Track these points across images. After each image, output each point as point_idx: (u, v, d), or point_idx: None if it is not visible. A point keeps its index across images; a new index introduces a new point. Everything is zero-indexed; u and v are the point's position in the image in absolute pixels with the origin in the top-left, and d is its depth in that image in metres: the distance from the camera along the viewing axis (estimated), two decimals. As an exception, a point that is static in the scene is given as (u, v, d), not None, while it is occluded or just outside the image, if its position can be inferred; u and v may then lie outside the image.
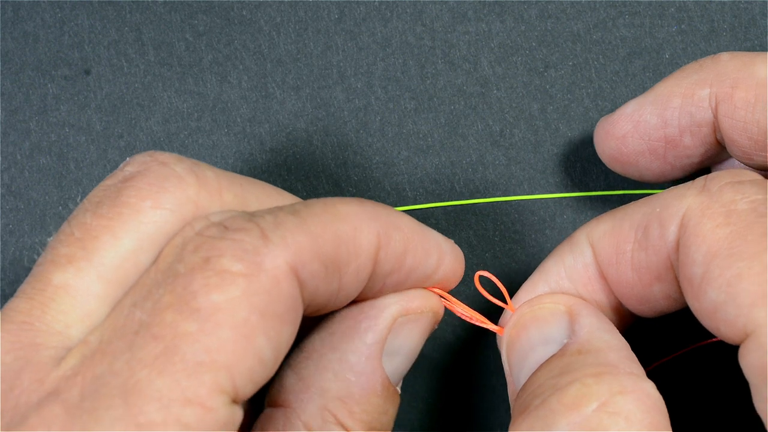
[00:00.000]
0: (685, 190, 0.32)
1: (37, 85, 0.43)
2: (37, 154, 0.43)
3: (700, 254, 0.30)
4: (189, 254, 0.28)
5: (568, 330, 0.33)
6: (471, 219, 0.42)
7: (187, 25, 0.43)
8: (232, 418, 0.27)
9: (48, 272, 0.29)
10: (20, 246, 0.42)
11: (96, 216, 0.29)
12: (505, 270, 0.42)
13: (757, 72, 0.34)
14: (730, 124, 0.34)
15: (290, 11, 0.43)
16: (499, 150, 0.42)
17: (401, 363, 0.33)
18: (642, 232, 0.32)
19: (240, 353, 0.26)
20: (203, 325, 0.26)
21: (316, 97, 0.43)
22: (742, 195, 0.30)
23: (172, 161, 0.30)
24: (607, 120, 0.37)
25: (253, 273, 0.27)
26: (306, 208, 0.30)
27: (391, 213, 0.32)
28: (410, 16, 0.43)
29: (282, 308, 0.28)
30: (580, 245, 0.34)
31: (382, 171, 0.42)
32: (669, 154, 0.36)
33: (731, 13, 0.42)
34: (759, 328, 0.28)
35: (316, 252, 0.29)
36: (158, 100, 0.43)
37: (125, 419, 0.25)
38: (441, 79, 0.42)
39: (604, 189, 0.42)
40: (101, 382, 0.26)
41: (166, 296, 0.27)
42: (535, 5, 0.42)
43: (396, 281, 0.32)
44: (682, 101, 0.35)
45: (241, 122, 0.43)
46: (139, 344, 0.26)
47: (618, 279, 0.34)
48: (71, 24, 0.43)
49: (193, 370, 0.26)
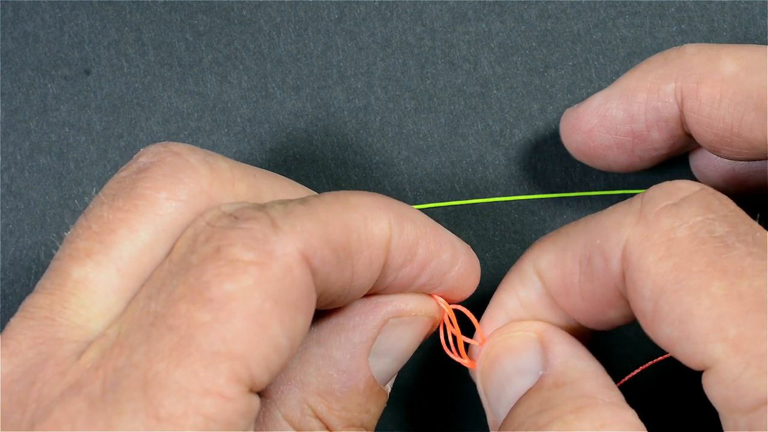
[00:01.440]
0: (622, 217, 0.31)
1: (37, 85, 0.43)
2: (37, 154, 0.43)
3: (647, 290, 0.29)
4: (200, 245, 0.28)
5: (542, 359, 0.32)
6: (471, 219, 0.42)
7: (187, 25, 0.43)
8: (250, 407, 0.27)
9: (67, 267, 0.29)
10: (20, 246, 0.42)
11: (112, 209, 0.30)
12: (505, 270, 0.42)
13: (723, 68, 0.33)
14: (695, 120, 0.34)
15: (290, 11, 0.43)
16: (499, 150, 0.42)
17: (389, 364, 0.33)
18: (586, 264, 0.32)
19: (255, 342, 0.27)
20: (217, 315, 0.26)
21: (316, 97, 0.43)
22: (680, 220, 0.29)
23: (186, 152, 0.31)
24: (573, 113, 0.37)
25: (264, 261, 0.27)
26: (316, 199, 0.30)
27: (403, 206, 0.32)
28: (410, 16, 0.43)
29: (295, 295, 0.28)
30: (529, 277, 0.34)
31: (382, 171, 0.42)
32: (637, 147, 0.36)
33: (731, 13, 0.42)
34: (716, 364, 0.28)
35: (326, 239, 0.29)
36: (158, 100, 0.43)
37: (146, 411, 0.25)
38: (441, 79, 0.42)
39: (604, 189, 0.42)
40: (121, 374, 0.26)
41: (180, 287, 0.27)
42: (535, 5, 0.42)
43: (409, 275, 0.32)
44: (647, 96, 0.35)
45: (241, 122, 0.43)
46: (155, 336, 0.26)
47: (571, 308, 0.33)
48: (71, 24, 0.43)
49: (209, 360, 0.26)
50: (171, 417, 0.25)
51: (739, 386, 0.27)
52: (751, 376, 0.27)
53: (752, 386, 0.27)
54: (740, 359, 0.27)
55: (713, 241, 0.29)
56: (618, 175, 0.42)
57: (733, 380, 0.27)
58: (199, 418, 0.26)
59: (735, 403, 0.28)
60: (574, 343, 0.33)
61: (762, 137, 0.33)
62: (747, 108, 0.33)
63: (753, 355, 0.27)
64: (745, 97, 0.33)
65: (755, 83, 0.32)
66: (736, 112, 0.33)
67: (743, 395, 0.27)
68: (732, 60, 0.33)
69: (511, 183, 0.42)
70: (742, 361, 0.27)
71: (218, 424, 0.26)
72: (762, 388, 0.27)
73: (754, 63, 0.33)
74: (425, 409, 0.42)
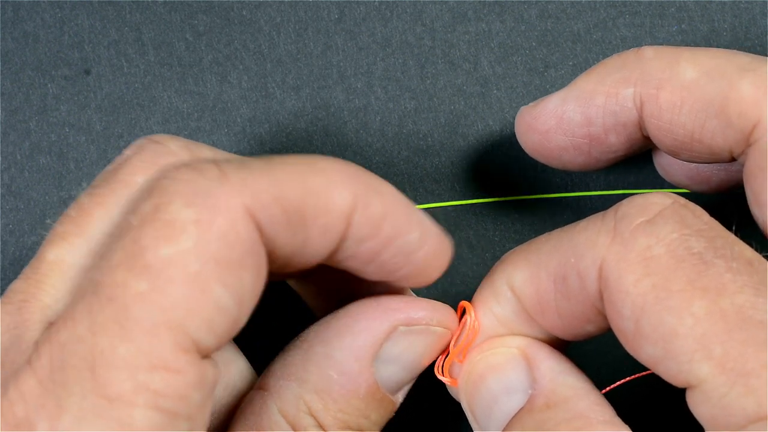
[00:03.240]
0: (596, 236, 0.30)
1: (37, 85, 0.43)
2: (37, 154, 0.43)
3: (627, 310, 0.29)
4: (141, 202, 0.27)
5: (529, 377, 0.32)
6: (471, 219, 0.42)
7: (187, 25, 0.43)
8: (203, 377, 0.26)
9: (44, 251, 0.30)
10: (20, 246, 0.42)
11: (91, 195, 0.30)
12: (505, 270, 0.42)
13: (683, 73, 0.33)
14: (655, 125, 0.34)
15: (290, 11, 0.43)
16: (499, 150, 0.42)
17: (397, 373, 0.32)
18: (561, 283, 0.31)
19: (195, 307, 0.26)
20: (154, 283, 0.26)
21: (316, 97, 0.43)
22: (656, 238, 0.29)
23: (166, 140, 0.31)
24: (530, 113, 0.36)
25: (204, 219, 0.26)
26: (280, 158, 0.29)
27: (374, 178, 0.31)
28: (410, 16, 0.43)
29: (239, 253, 0.27)
30: (504, 293, 0.33)
31: (382, 171, 0.42)
32: (593, 150, 0.35)
33: (731, 13, 0.42)
34: (702, 383, 0.28)
35: (276, 196, 0.28)
36: (158, 100, 0.43)
37: (95, 391, 0.25)
38: (441, 79, 0.42)
39: (604, 189, 0.42)
40: (67, 351, 0.26)
41: (118, 252, 0.26)
42: (535, 5, 0.42)
43: (372, 250, 0.31)
44: (605, 100, 0.34)
45: (241, 122, 0.43)
46: (96, 307, 0.26)
47: (547, 324, 0.33)
48: (71, 24, 0.43)
49: (151, 332, 0.26)
50: (121, 396, 0.25)
51: (726, 405, 0.27)
52: (738, 394, 0.27)
53: (740, 405, 0.27)
54: (726, 378, 0.27)
55: (691, 258, 0.28)
56: (618, 175, 0.42)
57: (720, 399, 0.27)
58: (149, 395, 0.25)
59: (723, 421, 0.27)
60: (559, 358, 0.32)
61: (723, 144, 0.32)
62: (708, 115, 0.32)
63: (739, 373, 0.27)
64: (706, 104, 0.32)
65: (715, 90, 0.32)
66: (698, 118, 0.32)
67: (731, 414, 0.27)
68: (692, 66, 0.33)
69: (511, 183, 0.42)
70: (728, 380, 0.27)
71: (169, 399, 0.26)
72: (750, 406, 0.27)
73: (714, 69, 0.32)
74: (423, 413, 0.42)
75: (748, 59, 0.32)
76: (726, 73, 0.32)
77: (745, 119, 0.31)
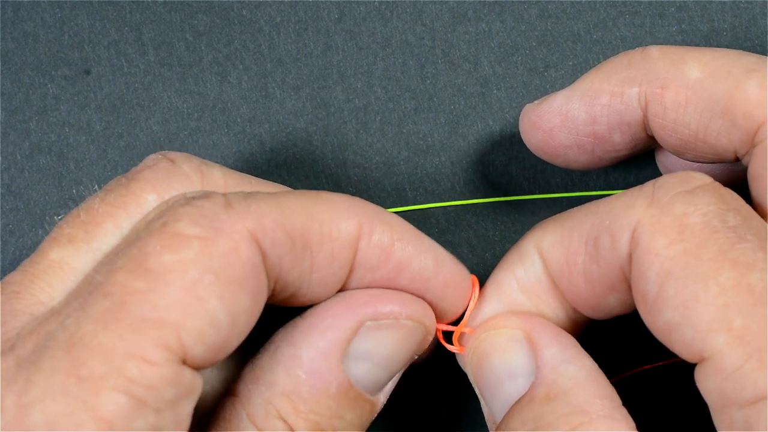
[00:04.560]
0: (634, 199, 0.31)
1: (37, 85, 0.43)
2: (37, 154, 0.43)
3: (653, 272, 0.29)
4: (151, 222, 0.28)
5: (532, 362, 0.32)
6: (471, 219, 0.42)
7: (187, 25, 0.43)
8: (181, 378, 0.27)
9: (47, 248, 0.30)
10: (20, 246, 0.42)
11: (103, 203, 0.30)
12: (505, 270, 0.42)
13: (688, 73, 0.33)
14: (660, 125, 0.33)
15: (290, 11, 0.43)
16: (499, 150, 0.42)
17: (371, 370, 0.31)
18: (592, 245, 0.31)
19: (189, 313, 0.26)
20: (152, 284, 0.26)
21: (316, 97, 0.43)
22: (694, 207, 0.29)
23: (181, 159, 0.32)
24: (534, 111, 0.36)
25: (209, 236, 0.27)
26: (286, 191, 0.30)
27: (380, 209, 0.31)
28: (410, 16, 0.43)
29: (239, 273, 0.27)
30: (530, 256, 0.33)
31: (382, 171, 0.42)
32: (597, 148, 0.35)
33: (731, 13, 0.42)
34: (716, 354, 0.27)
35: (279, 222, 0.29)
36: (158, 100, 0.43)
37: (67, 371, 0.26)
38: (441, 79, 0.42)
39: (604, 189, 0.42)
40: (50, 336, 0.26)
41: (121, 258, 0.27)
42: (535, 5, 0.42)
43: (386, 277, 0.31)
44: (610, 99, 0.34)
45: (241, 122, 0.43)
46: (90, 302, 0.27)
47: (571, 290, 0.33)
48: (71, 24, 0.43)
49: (138, 325, 0.26)
50: (91, 377, 0.25)
51: (738, 378, 0.27)
52: (751, 368, 0.27)
53: (752, 379, 0.27)
54: (742, 351, 0.27)
55: (726, 230, 0.29)
56: (618, 175, 0.42)
57: (733, 372, 0.27)
58: (120, 380, 0.26)
59: (732, 395, 0.27)
60: (564, 342, 0.32)
61: (727, 144, 0.32)
62: (713, 115, 0.32)
63: (756, 348, 0.27)
64: (712, 104, 0.32)
65: (721, 90, 0.32)
66: (702, 118, 0.32)
67: (742, 388, 0.27)
68: (697, 65, 0.33)
69: (511, 183, 0.42)
70: (744, 353, 0.27)
71: (140, 387, 0.26)
72: (762, 383, 0.27)
73: (719, 69, 0.32)
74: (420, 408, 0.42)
75: (753, 59, 0.32)
76: (731, 74, 0.32)
77: (750, 120, 0.31)
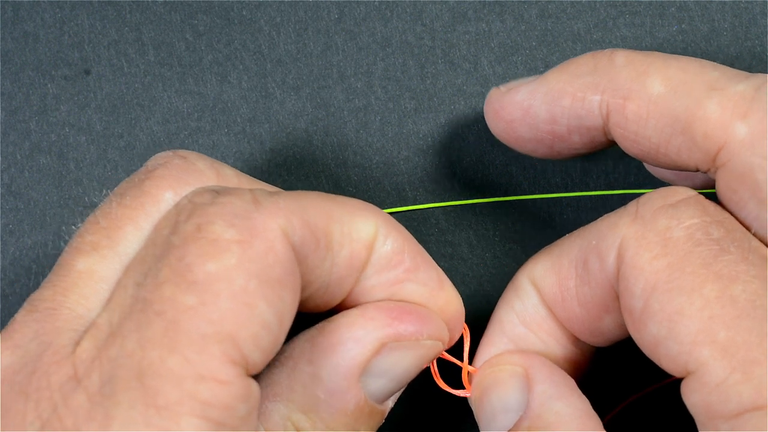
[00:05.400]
0: (618, 218, 0.31)
1: (37, 85, 0.43)
2: (37, 154, 0.43)
3: (638, 287, 0.29)
4: (182, 224, 0.28)
5: (524, 398, 0.32)
6: (471, 219, 0.42)
7: (187, 25, 0.43)
8: (248, 391, 0.27)
9: (72, 259, 0.30)
10: (20, 246, 0.42)
11: (120, 206, 0.30)
12: (505, 270, 0.42)
13: (651, 86, 0.32)
14: (621, 135, 0.33)
15: (290, 11, 0.43)
16: (499, 150, 0.42)
17: (385, 385, 0.32)
18: (582, 267, 0.32)
19: (243, 321, 0.26)
20: (202, 297, 0.26)
21: (316, 97, 0.43)
22: (677, 221, 0.29)
23: (193, 157, 0.31)
24: (498, 100, 0.36)
25: (246, 239, 0.27)
26: (304, 191, 0.30)
27: (392, 218, 0.32)
28: (410, 16, 0.43)
29: (279, 272, 0.28)
30: (524, 288, 0.34)
31: (382, 171, 0.42)
32: (556, 145, 0.35)
33: (731, 13, 0.42)
34: (701, 366, 0.27)
35: (306, 220, 0.29)
36: (158, 100, 0.43)
37: (143, 401, 0.25)
38: (441, 79, 0.42)
39: (604, 189, 0.42)
40: (116, 364, 0.26)
41: (164, 270, 0.27)
42: (535, 5, 0.42)
43: (393, 279, 0.32)
44: (572, 102, 0.34)
45: (241, 122, 0.43)
46: (144, 323, 0.26)
47: (567, 316, 0.33)
48: (71, 24, 0.43)
49: (200, 344, 0.26)
50: (168, 405, 0.25)
51: (723, 391, 0.27)
52: (736, 381, 0.27)
53: (737, 392, 0.27)
54: (727, 363, 0.27)
55: (709, 243, 0.29)
56: (618, 175, 0.42)
57: (718, 385, 0.27)
58: (196, 404, 0.26)
59: (717, 408, 0.27)
60: (559, 381, 0.32)
61: (688, 160, 0.32)
62: (675, 131, 0.32)
63: (740, 360, 0.27)
64: (672, 121, 0.32)
65: (682, 107, 0.31)
66: (663, 133, 0.32)
67: (727, 400, 0.27)
68: (660, 79, 0.32)
69: (511, 183, 0.42)
70: (729, 366, 0.27)
71: (216, 409, 0.26)
72: (747, 394, 0.27)
73: (682, 85, 0.31)
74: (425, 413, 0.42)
75: (717, 74, 0.31)
76: (693, 91, 0.31)
77: (710, 141, 0.31)
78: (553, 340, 0.34)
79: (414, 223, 0.42)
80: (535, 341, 0.34)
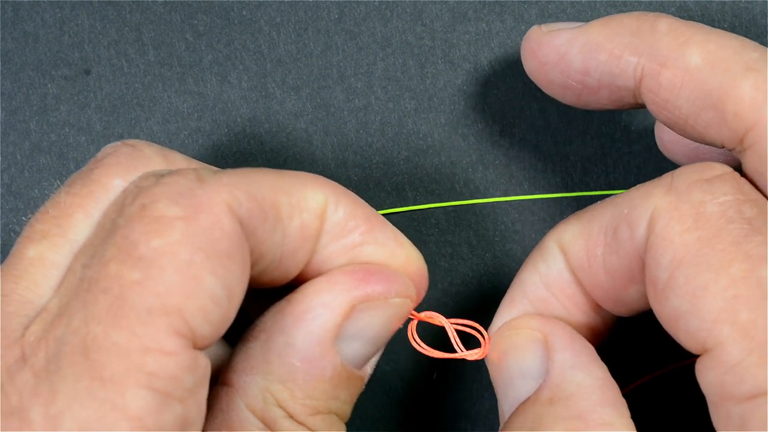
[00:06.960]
0: (652, 188, 0.31)
1: (37, 85, 0.43)
2: (37, 154, 0.43)
3: (666, 259, 0.29)
4: (127, 206, 0.28)
5: (543, 365, 0.32)
6: (471, 219, 0.42)
7: (187, 25, 0.43)
8: (196, 363, 0.27)
9: (23, 248, 0.30)
10: (20, 246, 0.42)
11: (69, 195, 0.30)
12: (505, 270, 0.42)
13: (690, 57, 0.32)
14: (651, 100, 0.33)
15: (290, 11, 0.43)
16: (499, 150, 0.42)
17: (361, 348, 0.32)
18: (611, 235, 0.32)
19: (189, 294, 0.27)
20: (147, 272, 0.26)
21: (316, 97, 0.43)
22: (711, 196, 0.29)
23: (142, 145, 0.32)
24: (536, 39, 0.36)
25: (190, 215, 0.27)
26: (253, 168, 0.30)
27: (341, 186, 0.32)
28: (410, 16, 0.43)
29: (226, 245, 0.28)
30: (551, 251, 0.34)
31: (382, 171, 0.42)
32: (584, 96, 0.35)
33: (731, 13, 0.42)
34: (719, 345, 0.27)
35: (251, 193, 0.29)
36: (158, 100, 0.43)
37: (89, 374, 0.26)
38: (441, 79, 0.42)
39: (604, 189, 0.42)
40: (62, 342, 0.26)
41: (110, 249, 0.27)
42: (535, 5, 0.42)
43: (351, 244, 0.32)
44: (608, 59, 0.34)
45: (241, 122, 0.43)
46: (90, 300, 0.27)
47: (592, 282, 0.33)
48: (71, 24, 0.43)
49: (145, 317, 0.26)
50: (113, 377, 0.25)
51: (738, 372, 0.27)
52: (752, 363, 0.27)
53: (752, 374, 0.27)
54: (745, 345, 0.27)
55: (741, 221, 0.29)
56: (618, 175, 0.42)
57: (733, 365, 0.27)
58: (142, 375, 0.26)
59: (730, 389, 0.27)
60: (578, 349, 0.32)
61: (715, 136, 0.32)
62: (706, 105, 0.32)
63: (759, 343, 0.27)
64: (705, 94, 0.32)
65: (717, 83, 0.31)
66: (695, 106, 0.32)
67: (741, 382, 0.27)
68: (699, 52, 0.32)
69: (511, 183, 0.42)
70: (747, 347, 0.27)
71: (161, 380, 0.26)
72: (761, 378, 0.26)
73: (720, 61, 0.32)
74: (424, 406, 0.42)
75: (757, 56, 0.32)
76: (729, 68, 0.31)
77: (739, 121, 0.31)
78: (575, 306, 0.34)
79: (414, 223, 0.42)
80: (556, 305, 0.34)
